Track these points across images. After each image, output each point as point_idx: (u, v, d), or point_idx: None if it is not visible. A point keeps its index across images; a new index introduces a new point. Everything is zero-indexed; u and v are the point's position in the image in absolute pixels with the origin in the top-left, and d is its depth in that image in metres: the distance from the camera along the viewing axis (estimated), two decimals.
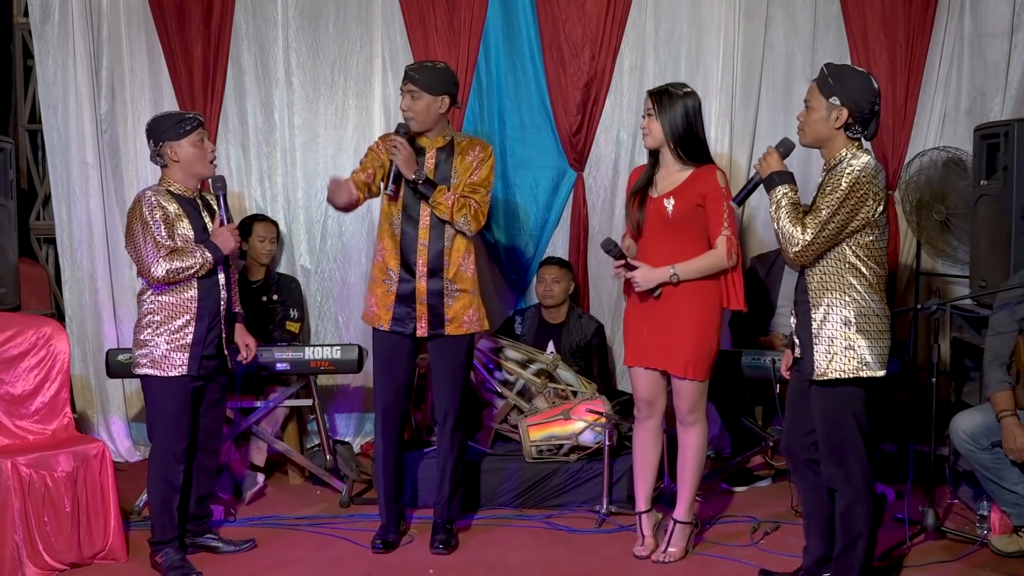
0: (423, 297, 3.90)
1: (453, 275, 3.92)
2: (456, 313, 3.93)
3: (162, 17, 5.20)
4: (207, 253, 3.69)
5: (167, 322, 3.69)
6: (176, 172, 3.76)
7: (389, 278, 3.93)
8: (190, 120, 3.74)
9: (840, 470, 3.27)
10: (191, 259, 3.66)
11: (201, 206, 3.82)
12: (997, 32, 5.22)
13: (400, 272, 3.91)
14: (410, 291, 3.90)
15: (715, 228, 3.71)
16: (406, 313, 3.91)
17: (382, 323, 3.94)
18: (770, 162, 3.30)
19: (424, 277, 3.90)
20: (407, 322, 3.92)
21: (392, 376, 3.97)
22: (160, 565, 3.74)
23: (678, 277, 3.69)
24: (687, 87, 3.79)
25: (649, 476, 3.95)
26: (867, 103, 3.18)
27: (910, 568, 3.79)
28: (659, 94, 3.75)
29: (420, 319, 3.91)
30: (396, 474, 4.07)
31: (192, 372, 3.71)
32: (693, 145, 3.75)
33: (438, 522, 4.06)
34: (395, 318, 3.92)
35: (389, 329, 3.93)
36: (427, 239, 3.89)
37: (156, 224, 3.65)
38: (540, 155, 5.37)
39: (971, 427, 3.88)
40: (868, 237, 3.20)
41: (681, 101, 3.72)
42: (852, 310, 3.20)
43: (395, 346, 3.96)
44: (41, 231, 5.56)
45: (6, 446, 3.86)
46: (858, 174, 3.14)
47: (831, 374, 3.22)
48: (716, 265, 3.72)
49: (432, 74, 3.85)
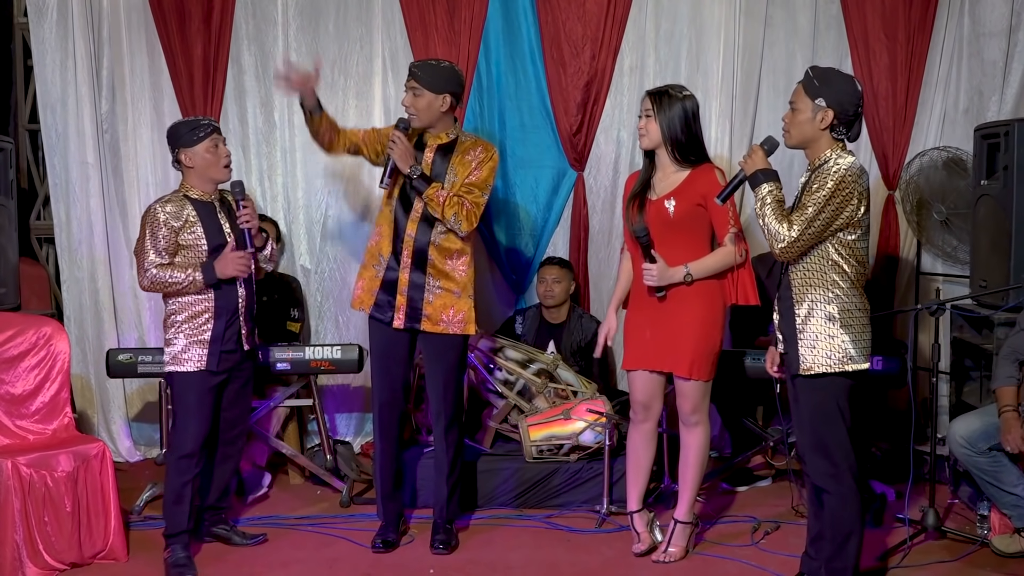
0: (404, 288, 3.91)
1: (436, 272, 3.91)
2: (435, 311, 3.91)
3: (162, 17, 5.19)
4: (197, 275, 3.74)
5: (188, 320, 3.78)
6: (192, 177, 3.83)
7: (379, 263, 3.96)
8: (204, 126, 3.81)
9: (828, 466, 3.30)
10: (179, 275, 3.73)
11: (218, 208, 3.88)
12: (995, 32, 5.22)
13: (389, 259, 3.94)
14: (393, 280, 3.93)
15: (722, 226, 3.72)
16: (387, 301, 3.94)
17: (364, 306, 3.98)
18: (755, 159, 3.34)
19: (408, 268, 3.91)
20: (386, 310, 3.94)
21: (388, 373, 3.97)
22: (166, 561, 3.79)
23: (692, 277, 3.69)
24: (686, 89, 3.79)
25: (641, 478, 3.95)
26: (851, 105, 3.25)
27: (910, 568, 3.79)
28: (658, 95, 3.75)
29: (399, 310, 3.92)
30: (394, 473, 4.07)
31: (211, 367, 3.78)
32: (691, 147, 3.75)
33: (438, 522, 4.06)
34: (376, 304, 3.95)
35: (370, 314, 3.97)
36: (414, 231, 3.90)
37: (156, 238, 3.74)
38: (540, 155, 5.37)
39: (968, 432, 3.88)
40: (851, 236, 3.25)
41: (680, 103, 3.72)
42: (835, 306, 3.25)
43: (390, 342, 3.96)
44: (41, 231, 5.56)
45: (6, 446, 3.86)
46: (844, 173, 3.19)
47: (817, 368, 3.26)
48: (727, 263, 3.73)
49: (435, 72, 3.86)
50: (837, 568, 3.34)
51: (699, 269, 3.71)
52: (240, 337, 3.87)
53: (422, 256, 3.90)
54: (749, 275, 3.79)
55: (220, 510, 4.08)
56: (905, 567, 3.80)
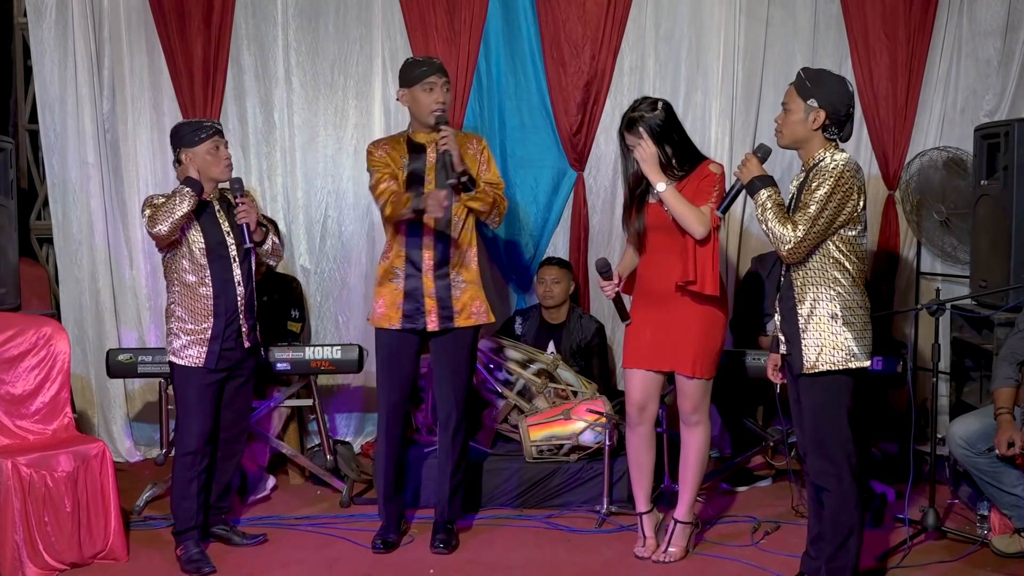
0: (431, 291, 3.91)
1: (459, 267, 3.93)
2: (464, 304, 3.94)
3: (162, 17, 5.19)
4: (184, 189, 3.73)
5: (188, 319, 3.81)
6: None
7: (396, 276, 3.94)
8: (207, 128, 3.82)
9: (830, 465, 3.30)
10: (168, 198, 3.73)
11: (217, 207, 3.89)
12: (991, 31, 5.23)
13: (406, 268, 3.92)
14: (417, 286, 3.91)
15: (702, 201, 3.65)
16: (415, 309, 3.92)
17: (393, 323, 3.93)
18: (750, 167, 3.35)
19: (431, 271, 3.90)
20: (417, 318, 3.92)
21: (398, 375, 3.97)
22: (180, 559, 3.81)
23: (665, 189, 3.61)
24: (645, 102, 3.74)
25: (646, 479, 3.95)
26: (843, 105, 3.28)
27: (910, 568, 3.79)
28: (630, 124, 3.70)
29: (430, 313, 3.91)
30: (398, 474, 4.07)
31: (210, 365, 3.80)
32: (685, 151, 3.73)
33: (439, 522, 4.06)
34: (405, 315, 3.92)
35: (400, 327, 3.92)
36: (432, 233, 3.89)
37: (157, 202, 3.77)
38: (540, 155, 5.37)
39: (967, 432, 3.89)
40: (851, 232, 3.26)
41: (646, 123, 3.68)
42: (838, 304, 3.26)
43: (399, 345, 3.96)
44: (41, 231, 5.56)
45: (6, 446, 3.86)
46: (842, 168, 3.21)
47: (821, 366, 3.26)
48: (693, 218, 3.60)
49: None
50: (837, 568, 3.34)
51: (674, 197, 3.62)
52: (240, 335, 3.88)
53: (444, 255, 3.91)
54: (712, 263, 3.64)
55: (220, 510, 4.09)
56: (905, 567, 3.80)
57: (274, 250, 4.05)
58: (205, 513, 3.95)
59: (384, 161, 3.94)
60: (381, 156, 3.96)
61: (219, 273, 3.82)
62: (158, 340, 5.15)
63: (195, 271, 3.80)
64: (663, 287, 3.76)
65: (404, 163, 3.93)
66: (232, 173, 3.90)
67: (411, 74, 3.88)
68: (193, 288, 3.80)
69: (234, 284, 3.84)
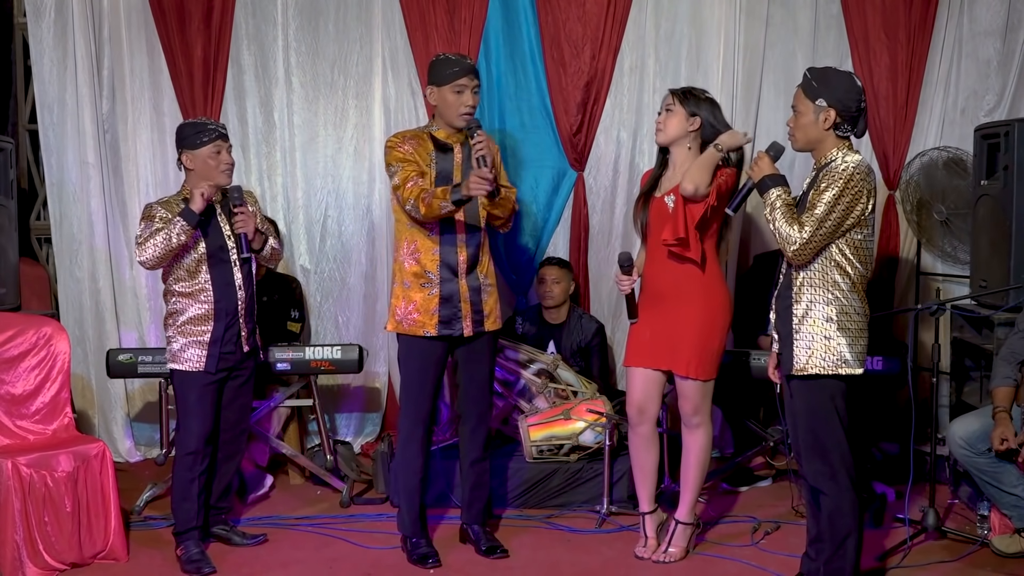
0: (466, 295, 3.81)
1: (486, 271, 3.88)
2: (491, 308, 3.89)
3: (162, 17, 5.19)
4: (178, 220, 3.69)
5: (187, 322, 3.80)
6: (193, 179, 3.83)
7: (429, 281, 3.77)
8: (210, 131, 3.80)
9: (824, 467, 3.29)
10: (161, 233, 3.68)
11: (219, 211, 3.87)
12: (991, 31, 5.23)
13: (440, 272, 3.78)
14: (454, 291, 3.79)
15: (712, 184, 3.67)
16: (452, 314, 3.79)
17: (428, 328, 3.77)
18: (762, 166, 3.34)
19: (464, 275, 3.81)
20: (454, 323, 3.79)
21: (430, 384, 3.84)
22: (180, 559, 3.81)
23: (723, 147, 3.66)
24: (707, 92, 3.85)
25: (648, 479, 3.94)
26: (853, 101, 3.24)
27: (910, 568, 3.79)
28: (683, 92, 3.78)
29: (465, 318, 3.81)
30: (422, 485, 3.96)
31: (210, 369, 3.80)
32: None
33: (476, 528, 4.00)
34: (442, 321, 3.77)
35: (437, 333, 3.77)
36: (464, 236, 3.80)
37: (151, 227, 3.73)
38: (540, 155, 5.36)
39: (967, 432, 3.89)
40: (858, 235, 3.24)
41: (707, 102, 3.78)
42: (834, 308, 3.24)
43: (434, 352, 3.82)
44: (41, 231, 5.55)
45: (6, 446, 3.86)
46: (852, 170, 3.18)
47: (811, 369, 3.24)
48: (695, 172, 3.60)
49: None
50: (834, 569, 3.33)
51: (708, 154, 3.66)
52: (240, 338, 3.88)
53: (475, 259, 3.83)
54: (694, 227, 3.63)
55: (220, 510, 4.09)
56: (905, 567, 3.80)
57: (273, 255, 4.03)
58: (205, 513, 3.95)
59: (411, 158, 3.74)
60: (408, 152, 3.74)
61: (220, 277, 3.81)
62: (158, 340, 5.15)
63: (196, 274, 3.80)
64: (665, 285, 3.76)
65: (432, 160, 3.78)
66: (232, 180, 3.87)
67: (441, 73, 3.72)
68: (193, 292, 3.80)
69: (234, 288, 3.84)
